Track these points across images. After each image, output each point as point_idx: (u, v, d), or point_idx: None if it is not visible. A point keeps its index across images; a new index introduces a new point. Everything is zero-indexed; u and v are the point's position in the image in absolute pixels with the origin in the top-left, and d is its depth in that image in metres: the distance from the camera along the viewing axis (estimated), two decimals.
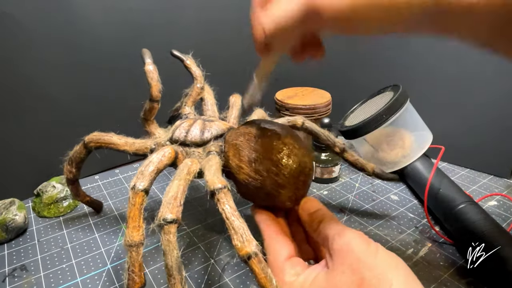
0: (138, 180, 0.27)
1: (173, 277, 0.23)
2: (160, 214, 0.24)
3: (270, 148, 0.27)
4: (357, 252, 0.21)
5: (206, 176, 0.27)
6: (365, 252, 0.21)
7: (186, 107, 0.39)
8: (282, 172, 0.27)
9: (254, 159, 0.27)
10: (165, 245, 0.23)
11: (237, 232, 0.23)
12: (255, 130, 0.29)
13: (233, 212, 0.24)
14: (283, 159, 0.27)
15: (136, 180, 0.27)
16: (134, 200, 0.26)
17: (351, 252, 0.21)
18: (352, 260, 0.21)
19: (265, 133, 0.28)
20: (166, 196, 0.25)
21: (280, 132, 0.28)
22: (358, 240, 0.22)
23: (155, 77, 0.35)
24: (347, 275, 0.21)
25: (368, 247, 0.21)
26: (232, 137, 0.30)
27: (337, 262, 0.22)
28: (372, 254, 0.21)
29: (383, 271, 0.20)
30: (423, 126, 0.44)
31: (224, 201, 0.24)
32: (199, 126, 0.33)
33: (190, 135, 0.32)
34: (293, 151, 0.28)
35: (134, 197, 0.26)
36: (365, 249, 0.21)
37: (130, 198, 0.26)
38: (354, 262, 0.21)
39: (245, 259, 0.22)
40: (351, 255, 0.21)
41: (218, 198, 0.25)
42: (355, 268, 0.20)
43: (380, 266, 0.20)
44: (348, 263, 0.21)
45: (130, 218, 0.26)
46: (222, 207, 0.24)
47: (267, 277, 0.22)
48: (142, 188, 0.26)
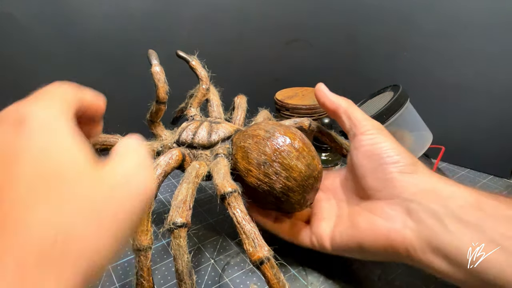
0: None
1: (183, 282, 0.23)
2: (169, 218, 0.24)
3: (279, 150, 0.27)
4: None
5: (215, 180, 0.26)
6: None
7: (192, 108, 0.39)
8: (292, 175, 0.26)
9: (263, 162, 0.27)
10: (175, 250, 0.23)
11: (249, 237, 0.23)
12: (263, 132, 0.28)
13: (244, 216, 0.24)
14: (292, 162, 0.27)
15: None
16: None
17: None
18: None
19: (274, 136, 0.28)
20: (175, 200, 0.25)
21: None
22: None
23: (162, 79, 0.34)
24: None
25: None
26: (240, 139, 0.30)
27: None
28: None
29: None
30: (423, 126, 0.44)
31: (235, 205, 0.24)
32: (206, 128, 0.33)
33: (197, 137, 0.32)
34: (302, 153, 0.27)
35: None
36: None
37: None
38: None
39: (257, 264, 0.22)
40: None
41: (229, 202, 0.24)
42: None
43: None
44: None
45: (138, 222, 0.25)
46: (233, 211, 0.24)
47: (280, 283, 0.22)
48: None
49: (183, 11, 0.51)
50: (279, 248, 0.25)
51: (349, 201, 0.31)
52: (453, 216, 0.23)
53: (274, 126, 0.29)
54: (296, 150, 0.27)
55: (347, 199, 0.32)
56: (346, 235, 0.28)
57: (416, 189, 0.25)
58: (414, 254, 0.24)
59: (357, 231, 0.28)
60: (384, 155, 0.27)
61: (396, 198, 0.26)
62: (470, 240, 0.22)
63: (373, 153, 0.28)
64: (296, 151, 0.27)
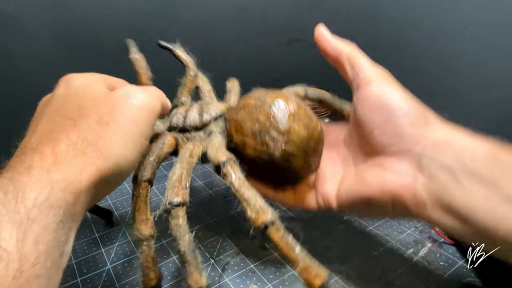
0: (139, 171, 0.25)
1: (188, 263, 0.22)
2: (165, 199, 0.23)
3: (272, 115, 0.25)
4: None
5: (209, 154, 0.26)
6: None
7: (182, 97, 0.38)
8: (290, 139, 0.25)
9: (258, 131, 0.25)
10: (174, 231, 0.22)
11: (250, 203, 0.22)
12: (254, 101, 0.27)
13: (242, 183, 0.23)
14: (288, 125, 0.25)
15: (137, 172, 0.25)
16: (138, 192, 0.25)
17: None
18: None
19: (265, 102, 0.27)
20: (170, 180, 0.24)
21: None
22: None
23: (143, 65, 0.33)
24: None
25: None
26: (232, 113, 0.28)
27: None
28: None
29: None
30: None
31: (231, 173, 0.23)
32: (197, 110, 0.32)
33: (189, 119, 0.31)
34: (298, 115, 0.26)
35: (137, 188, 0.25)
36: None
37: (133, 191, 0.25)
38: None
39: (262, 230, 0.21)
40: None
41: (225, 172, 0.23)
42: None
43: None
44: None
45: (137, 211, 0.24)
46: (230, 180, 0.23)
47: (289, 245, 0.21)
48: (145, 178, 0.25)
49: (183, 11, 0.51)
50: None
51: (354, 159, 0.29)
52: (467, 170, 0.22)
53: (265, 93, 0.28)
54: (291, 112, 0.26)
55: (352, 157, 0.29)
56: (352, 191, 0.27)
57: (428, 142, 0.24)
58: (424, 210, 0.23)
59: (365, 187, 0.26)
60: (394, 108, 0.25)
61: (407, 153, 0.24)
62: (483, 197, 0.21)
63: (381, 106, 0.25)
64: (290, 113, 0.25)
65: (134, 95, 0.23)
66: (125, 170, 0.21)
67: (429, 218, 0.23)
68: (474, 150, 0.22)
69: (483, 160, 0.22)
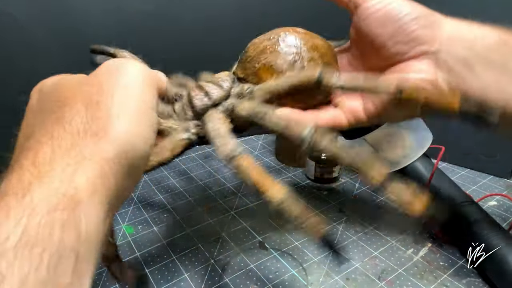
0: (225, 147, 0.23)
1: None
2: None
3: (296, 39, 0.28)
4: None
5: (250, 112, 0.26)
6: None
7: (173, 89, 0.33)
8: (321, 52, 0.28)
9: (293, 60, 0.27)
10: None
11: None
12: (268, 41, 0.29)
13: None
14: (312, 41, 0.28)
15: (224, 149, 0.23)
16: (245, 166, 0.22)
17: None
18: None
19: (278, 35, 0.28)
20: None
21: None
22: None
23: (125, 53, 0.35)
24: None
25: None
26: (250, 65, 0.29)
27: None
28: None
29: None
30: (423, 126, 0.44)
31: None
32: (211, 84, 0.30)
33: (212, 94, 0.29)
34: (310, 34, 0.28)
35: (242, 164, 0.22)
36: None
37: (237, 168, 0.22)
38: None
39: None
40: None
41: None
42: None
43: None
44: None
45: (260, 182, 0.21)
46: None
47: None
48: (240, 150, 0.23)
49: (183, 12, 0.51)
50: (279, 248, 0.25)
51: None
52: (479, 57, 0.23)
53: (269, 33, 0.29)
54: (305, 32, 0.28)
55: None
56: (378, 101, 0.27)
57: (442, 38, 0.25)
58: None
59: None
60: (400, 15, 0.25)
61: (425, 54, 0.25)
62: (494, 80, 0.22)
63: (387, 17, 0.26)
64: (305, 33, 0.28)
65: (120, 63, 0.19)
66: (142, 148, 0.18)
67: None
68: (483, 38, 0.24)
69: (493, 46, 0.23)
